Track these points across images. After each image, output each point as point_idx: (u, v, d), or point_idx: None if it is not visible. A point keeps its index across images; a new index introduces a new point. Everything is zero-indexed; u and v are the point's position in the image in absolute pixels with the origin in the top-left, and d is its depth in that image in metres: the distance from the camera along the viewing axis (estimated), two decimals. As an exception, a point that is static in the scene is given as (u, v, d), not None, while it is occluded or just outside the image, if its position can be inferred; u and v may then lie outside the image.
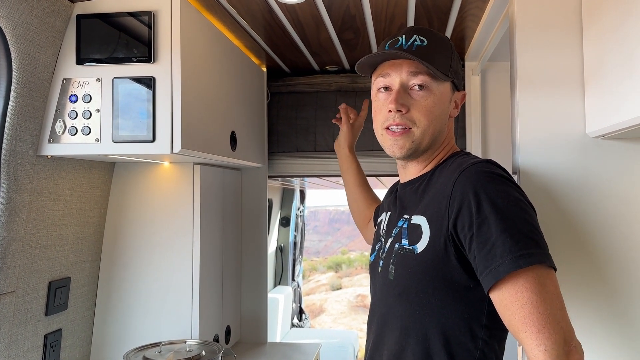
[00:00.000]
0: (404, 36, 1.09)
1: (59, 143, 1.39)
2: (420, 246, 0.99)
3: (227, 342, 2.04)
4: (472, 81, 2.21)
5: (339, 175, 2.59)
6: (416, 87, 1.07)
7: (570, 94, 1.30)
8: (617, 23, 1.11)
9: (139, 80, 1.37)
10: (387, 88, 1.10)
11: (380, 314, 1.10)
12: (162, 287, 1.73)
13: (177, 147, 1.37)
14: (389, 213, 1.19)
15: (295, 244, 4.94)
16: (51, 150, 1.39)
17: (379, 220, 1.26)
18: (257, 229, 2.29)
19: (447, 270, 0.96)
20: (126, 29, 1.38)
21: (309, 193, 5.31)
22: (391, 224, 1.14)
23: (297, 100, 2.42)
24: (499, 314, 0.92)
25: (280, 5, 1.59)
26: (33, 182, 1.39)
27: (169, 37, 1.37)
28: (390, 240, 1.10)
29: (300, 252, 5.15)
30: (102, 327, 1.74)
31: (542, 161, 1.30)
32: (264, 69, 2.29)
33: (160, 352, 1.53)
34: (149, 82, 1.36)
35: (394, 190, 1.27)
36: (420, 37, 1.08)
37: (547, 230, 1.28)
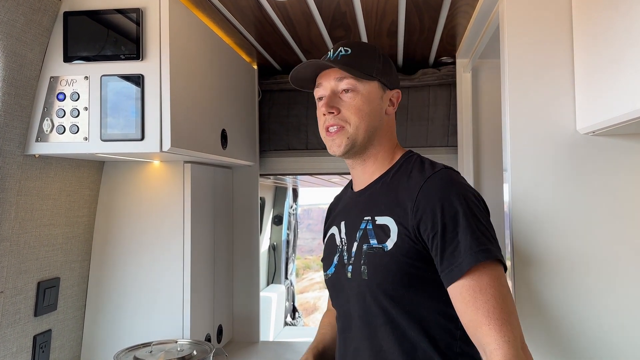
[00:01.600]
0: (332, 50, 1.19)
1: (47, 142, 1.37)
2: (390, 243, 1.07)
3: (219, 341, 2.03)
4: (464, 78, 2.21)
5: (331, 173, 2.59)
6: (344, 91, 1.16)
7: (560, 91, 1.31)
8: (607, 19, 1.11)
9: (127, 78, 1.36)
10: (322, 97, 1.20)
11: (358, 316, 1.13)
12: (153, 287, 1.72)
13: (167, 145, 1.35)
14: (342, 222, 1.23)
15: (288, 242, 4.94)
16: (39, 149, 1.37)
17: (329, 234, 1.28)
18: (249, 227, 2.29)
19: (416, 263, 1.05)
20: (114, 26, 1.36)
21: (302, 191, 5.30)
22: (352, 229, 1.18)
23: (289, 98, 2.41)
24: (458, 308, 0.99)
25: (270, 2, 1.58)
26: (20, 181, 1.37)
27: (158, 34, 1.36)
28: (355, 244, 1.14)
29: (294, 250, 5.14)
30: (93, 328, 1.72)
31: (532, 157, 1.30)
32: (255, 67, 2.28)
33: (151, 352, 1.52)
34: (137, 80, 1.35)
35: (338, 202, 1.33)
36: (345, 48, 1.18)
37: (537, 226, 1.29)
